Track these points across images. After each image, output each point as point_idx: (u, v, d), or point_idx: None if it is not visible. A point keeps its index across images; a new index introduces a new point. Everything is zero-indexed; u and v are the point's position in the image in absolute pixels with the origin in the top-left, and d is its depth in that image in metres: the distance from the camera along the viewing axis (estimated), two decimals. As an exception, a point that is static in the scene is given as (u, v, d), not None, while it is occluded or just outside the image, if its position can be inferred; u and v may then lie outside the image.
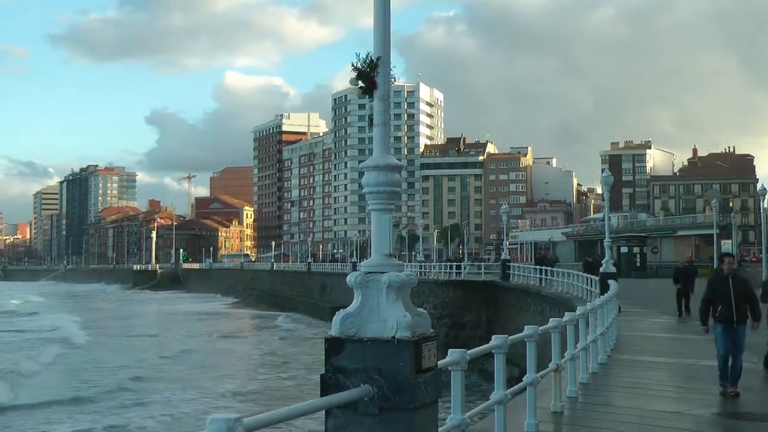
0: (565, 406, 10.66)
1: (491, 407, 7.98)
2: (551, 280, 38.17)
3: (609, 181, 30.97)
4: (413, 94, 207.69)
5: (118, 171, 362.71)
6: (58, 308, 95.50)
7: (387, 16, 6.07)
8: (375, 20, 6.05)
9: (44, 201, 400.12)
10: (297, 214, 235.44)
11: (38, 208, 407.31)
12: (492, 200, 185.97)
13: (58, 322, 71.05)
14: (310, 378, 37.16)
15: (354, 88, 6.08)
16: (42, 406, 30.10)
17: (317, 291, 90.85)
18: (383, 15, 6.05)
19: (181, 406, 30.32)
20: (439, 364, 5.94)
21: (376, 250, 5.98)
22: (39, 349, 48.90)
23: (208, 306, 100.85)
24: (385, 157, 6.02)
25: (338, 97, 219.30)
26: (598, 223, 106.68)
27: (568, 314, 12.03)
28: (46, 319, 75.97)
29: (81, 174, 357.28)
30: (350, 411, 5.50)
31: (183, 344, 54.92)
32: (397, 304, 5.70)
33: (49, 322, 70.58)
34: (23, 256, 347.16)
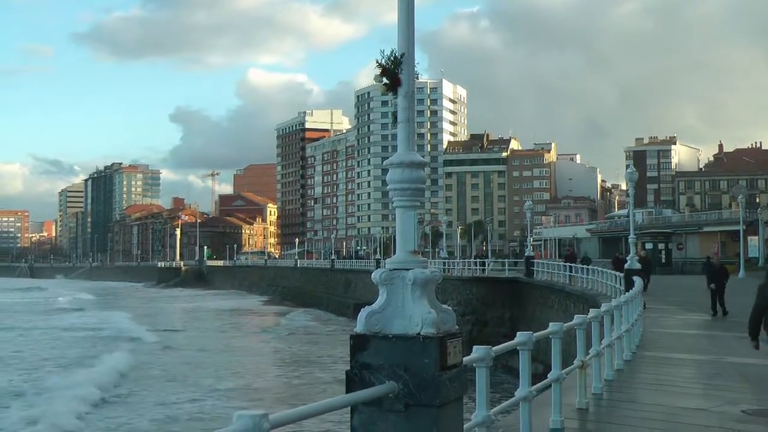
0: (590, 403, 10.63)
1: (516, 404, 7.98)
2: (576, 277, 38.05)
3: (634, 177, 30.85)
4: (436, 91, 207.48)
5: (142, 169, 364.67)
6: (105, 305, 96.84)
7: (411, 12, 6.06)
8: (399, 17, 6.05)
9: (69, 199, 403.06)
10: (320, 211, 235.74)
11: (63, 206, 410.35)
12: (515, 197, 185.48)
13: (115, 319, 72.29)
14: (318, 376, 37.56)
15: (377, 85, 6.07)
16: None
17: (341, 288, 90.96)
18: (407, 11, 6.04)
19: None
20: (464, 361, 5.94)
21: (400, 246, 5.97)
22: (121, 347, 48.49)
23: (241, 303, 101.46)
24: (409, 154, 6.01)
25: (361, 93, 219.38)
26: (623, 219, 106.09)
27: (593, 311, 11.99)
28: (101, 316, 77.07)
29: (106, 172, 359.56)
30: (376, 407, 5.51)
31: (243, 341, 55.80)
32: (422, 301, 5.70)
33: (110, 320, 71.60)
34: (49, 254, 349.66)
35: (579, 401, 10.29)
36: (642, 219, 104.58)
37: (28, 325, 66.50)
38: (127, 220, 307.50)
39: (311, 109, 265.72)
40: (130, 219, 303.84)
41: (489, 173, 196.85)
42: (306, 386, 35.08)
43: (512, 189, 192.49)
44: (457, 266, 66.38)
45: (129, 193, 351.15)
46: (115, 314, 77.60)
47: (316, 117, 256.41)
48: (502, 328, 44.46)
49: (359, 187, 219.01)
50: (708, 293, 26.82)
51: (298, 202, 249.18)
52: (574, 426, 9.40)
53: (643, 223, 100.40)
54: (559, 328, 9.18)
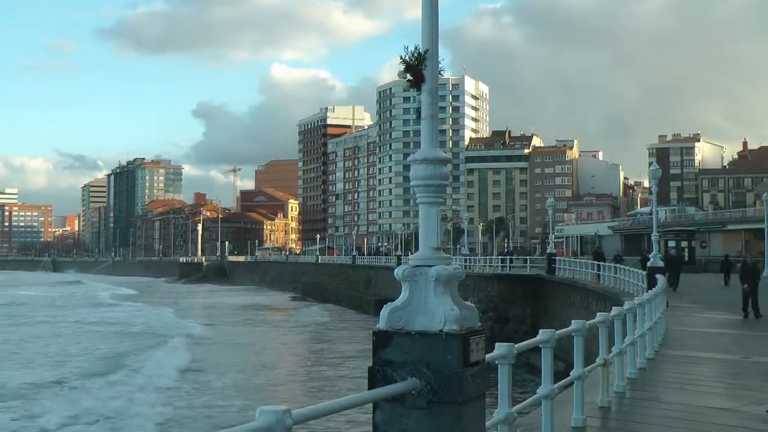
0: (613, 401, 10.58)
1: (538, 402, 7.96)
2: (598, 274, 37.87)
3: (657, 174, 30.68)
4: (458, 87, 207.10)
5: (164, 164, 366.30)
6: (146, 300, 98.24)
7: (435, 8, 6.05)
8: (423, 13, 6.04)
9: (92, 194, 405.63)
10: (341, 207, 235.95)
11: (86, 200, 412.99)
12: (537, 194, 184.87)
13: (160, 313, 73.54)
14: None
15: (398, 81, 6.10)
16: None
17: (362, 284, 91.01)
18: (431, 8, 6.03)
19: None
20: (486, 358, 5.93)
21: (424, 243, 5.97)
22: (178, 341, 49.13)
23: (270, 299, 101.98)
24: (433, 150, 6.01)
25: (383, 90, 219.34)
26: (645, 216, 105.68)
27: (616, 309, 11.93)
28: (147, 310, 78.45)
29: (128, 167, 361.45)
30: (398, 404, 5.51)
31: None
32: (445, 298, 5.69)
33: (154, 314, 72.51)
34: (72, 248, 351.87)
35: (601, 399, 10.24)
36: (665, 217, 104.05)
37: (93, 319, 67.40)
38: (149, 215, 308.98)
39: (333, 105, 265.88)
40: (152, 214, 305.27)
41: (511, 170, 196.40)
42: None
43: (534, 186, 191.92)
44: (478, 263, 66.28)
45: (151, 188, 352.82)
46: (161, 310, 79.13)
47: (338, 113, 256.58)
48: (523, 326, 44.37)
49: (380, 183, 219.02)
50: (739, 293, 25.81)
51: (320, 198, 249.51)
52: (596, 425, 9.36)
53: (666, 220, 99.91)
54: (582, 326, 9.14)
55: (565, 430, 8.77)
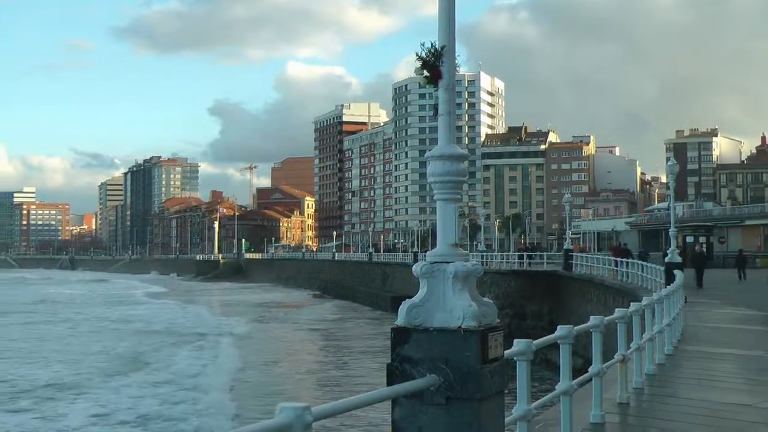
0: (631, 398, 10.54)
1: (557, 398, 7.94)
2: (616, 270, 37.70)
3: (674, 169, 30.54)
4: (474, 83, 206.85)
5: (180, 162, 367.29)
6: (177, 298, 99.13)
7: (452, 4, 6.04)
8: (440, 9, 6.03)
9: (109, 192, 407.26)
10: (358, 204, 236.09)
11: (103, 199, 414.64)
12: (554, 189, 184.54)
13: (199, 312, 74.21)
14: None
15: (414, 78, 6.09)
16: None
17: (378, 281, 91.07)
18: (448, 4, 6.02)
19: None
20: (504, 354, 5.92)
21: (441, 239, 5.96)
22: (224, 341, 49.61)
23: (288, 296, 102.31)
24: (450, 146, 6.00)
25: (399, 86, 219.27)
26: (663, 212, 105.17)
27: (634, 304, 11.87)
28: (186, 308, 79.28)
29: (144, 165, 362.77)
30: (417, 400, 5.50)
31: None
32: (463, 294, 5.68)
33: (192, 312, 73.17)
34: (89, 246, 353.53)
35: (620, 395, 10.20)
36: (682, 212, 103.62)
37: (138, 317, 67.98)
38: (166, 213, 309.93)
39: (349, 102, 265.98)
40: (169, 212, 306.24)
41: (527, 166, 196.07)
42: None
43: (550, 182, 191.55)
44: (495, 259, 66.22)
45: (168, 186, 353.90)
46: (195, 307, 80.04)
47: (354, 110, 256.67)
48: (540, 322, 44.32)
49: (397, 180, 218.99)
50: (757, 288, 25.69)
51: (336, 195, 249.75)
52: (614, 420, 9.33)
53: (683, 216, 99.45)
54: (600, 322, 9.12)
55: (584, 427, 8.75)
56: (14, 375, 35.43)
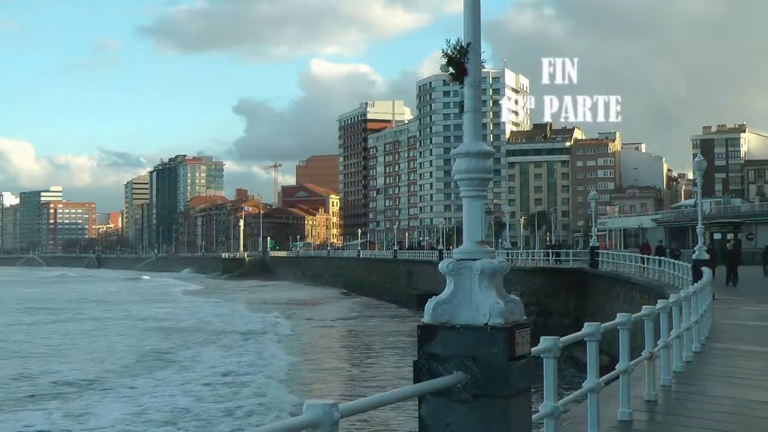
0: (659, 395, 10.48)
1: (584, 395, 7.92)
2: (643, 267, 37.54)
3: (702, 165, 30.33)
4: (498, 81, 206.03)
5: (205, 161, 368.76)
6: (215, 296, 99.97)
7: (477, 1, 6.03)
8: (465, 6, 6.02)
9: (135, 191, 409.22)
10: (382, 201, 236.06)
11: (129, 197, 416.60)
12: (579, 187, 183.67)
13: (237, 309, 74.73)
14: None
15: (439, 75, 6.13)
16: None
17: (404, 278, 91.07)
18: (473, 1, 6.01)
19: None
20: (531, 352, 5.91)
21: (468, 237, 5.95)
22: (275, 340, 50.05)
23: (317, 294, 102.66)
24: (476, 143, 5.99)
25: (423, 84, 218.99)
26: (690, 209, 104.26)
27: (662, 302, 11.81)
28: (227, 305, 79.97)
29: (170, 164, 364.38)
30: (444, 397, 5.51)
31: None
32: (490, 291, 5.68)
33: (227, 310, 73.33)
34: (115, 245, 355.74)
35: (647, 393, 10.14)
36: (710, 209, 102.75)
37: (184, 315, 68.32)
38: (192, 211, 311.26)
39: (373, 100, 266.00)
40: (195, 210, 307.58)
41: (552, 163, 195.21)
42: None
43: (576, 179, 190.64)
44: (520, 256, 66.08)
45: (193, 184, 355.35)
46: (235, 305, 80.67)
47: (378, 108, 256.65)
48: (566, 319, 44.13)
49: (421, 177, 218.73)
50: None
51: (361, 193, 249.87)
52: (642, 418, 9.29)
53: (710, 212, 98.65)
54: (627, 319, 9.08)
55: (612, 424, 8.72)
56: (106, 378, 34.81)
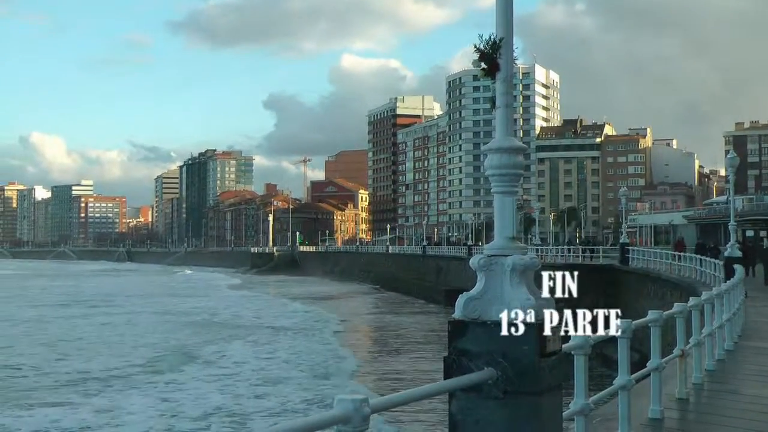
0: (691, 393, 10.39)
1: (614, 393, 7.87)
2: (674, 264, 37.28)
3: (734, 162, 30.04)
4: (528, 76, 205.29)
5: (235, 155, 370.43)
6: (258, 290, 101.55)
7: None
8: (497, 1, 5.98)
9: (165, 185, 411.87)
10: (411, 197, 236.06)
11: (159, 192, 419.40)
12: (609, 183, 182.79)
13: (286, 304, 75.23)
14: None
15: (468, 71, 6.11)
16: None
17: (432, 274, 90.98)
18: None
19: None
20: (562, 348, 5.88)
21: (499, 233, 5.92)
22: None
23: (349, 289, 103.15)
24: (508, 139, 5.96)
25: (453, 79, 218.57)
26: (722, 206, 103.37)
27: (693, 299, 11.70)
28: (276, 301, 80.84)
29: (200, 158, 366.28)
30: (474, 394, 5.48)
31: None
32: (521, 288, 5.65)
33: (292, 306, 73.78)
34: (145, 239, 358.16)
35: (679, 391, 10.05)
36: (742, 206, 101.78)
37: (244, 310, 69.01)
38: (221, 206, 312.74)
39: (403, 96, 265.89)
40: (224, 205, 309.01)
41: (582, 159, 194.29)
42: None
43: (606, 175, 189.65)
44: (550, 253, 65.85)
45: (223, 179, 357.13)
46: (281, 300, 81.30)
47: (408, 103, 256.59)
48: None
49: (450, 173, 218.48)
50: None
51: (390, 188, 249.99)
52: (674, 416, 9.21)
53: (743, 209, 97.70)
54: (659, 316, 9.01)
55: (643, 422, 8.66)
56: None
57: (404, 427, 23.44)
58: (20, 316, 62.12)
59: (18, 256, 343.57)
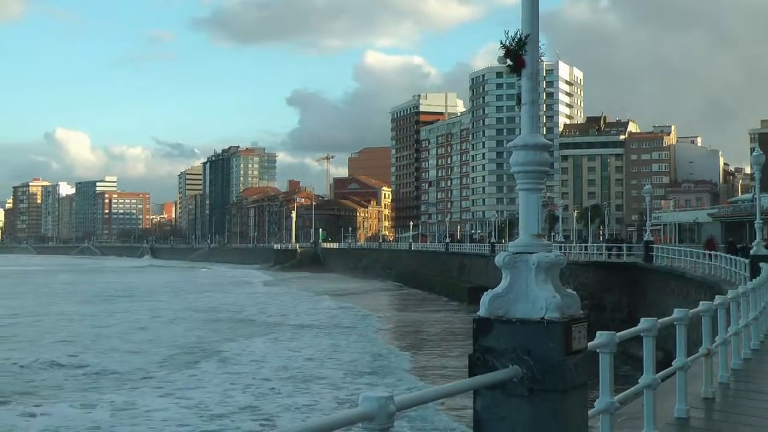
0: (717, 393, 10.30)
1: (640, 391, 7.82)
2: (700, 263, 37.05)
3: (760, 159, 29.79)
4: (552, 73, 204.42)
5: (258, 152, 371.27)
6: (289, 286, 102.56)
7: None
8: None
9: (189, 181, 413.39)
10: (434, 194, 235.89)
11: (183, 188, 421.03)
12: (633, 180, 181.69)
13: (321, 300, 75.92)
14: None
15: (492, 68, 6.10)
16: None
17: (455, 271, 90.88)
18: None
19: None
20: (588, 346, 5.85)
21: (524, 230, 5.91)
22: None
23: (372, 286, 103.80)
24: (534, 136, 5.94)
25: (476, 76, 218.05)
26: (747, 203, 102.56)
27: (719, 297, 11.61)
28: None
29: (223, 155, 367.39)
30: (499, 392, 5.47)
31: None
32: (547, 285, 5.63)
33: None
34: (169, 235, 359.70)
35: (705, 390, 9.98)
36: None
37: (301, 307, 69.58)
38: (244, 202, 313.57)
39: (426, 93, 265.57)
40: (247, 201, 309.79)
41: (606, 156, 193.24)
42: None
43: (630, 172, 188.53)
44: (574, 250, 65.65)
45: (246, 175, 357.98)
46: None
47: (431, 100, 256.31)
48: (619, 314, 43.76)
49: (474, 170, 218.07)
50: None
51: (413, 185, 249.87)
52: (699, 416, 9.14)
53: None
54: (685, 315, 8.95)
55: (669, 421, 8.60)
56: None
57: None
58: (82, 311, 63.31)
59: (42, 251, 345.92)
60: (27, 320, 55.71)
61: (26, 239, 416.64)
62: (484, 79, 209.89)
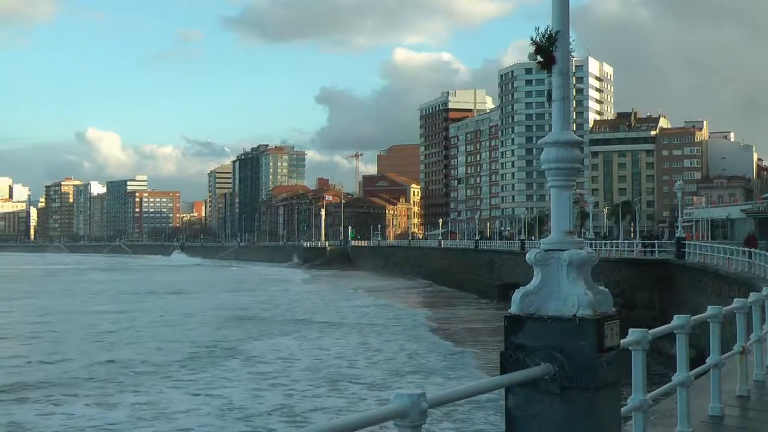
0: (752, 391, 10.19)
1: (673, 389, 7.77)
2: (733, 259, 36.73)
3: (793, 155, 29.44)
4: (581, 69, 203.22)
5: (287, 150, 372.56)
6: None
7: (566, -12, 5.95)
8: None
9: (218, 180, 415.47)
10: (464, 191, 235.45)
11: (213, 186, 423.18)
12: (665, 176, 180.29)
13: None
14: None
15: (521, 64, 6.09)
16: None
17: (485, 269, 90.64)
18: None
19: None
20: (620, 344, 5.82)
21: (555, 227, 5.88)
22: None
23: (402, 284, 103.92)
24: (565, 132, 5.92)
25: (505, 73, 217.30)
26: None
27: (754, 294, 11.48)
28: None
29: (253, 153, 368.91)
30: (531, 389, 5.45)
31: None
32: (578, 282, 5.60)
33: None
34: (199, 234, 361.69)
35: (740, 388, 9.88)
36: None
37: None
38: (273, 200, 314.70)
39: (455, 89, 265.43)
40: (276, 199, 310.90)
41: (637, 152, 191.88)
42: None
43: (661, 169, 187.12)
44: (604, 247, 65.31)
45: (275, 174, 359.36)
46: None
47: (459, 97, 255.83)
48: (651, 312, 43.44)
49: (503, 167, 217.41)
50: None
51: (442, 182, 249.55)
52: (734, 414, 9.06)
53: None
54: (719, 312, 8.88)
55: (703, 419, 8.53)
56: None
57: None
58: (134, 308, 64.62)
59: (75, 250, 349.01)
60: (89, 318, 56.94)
61: (59, 238, 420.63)
62: (513, 76, 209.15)
